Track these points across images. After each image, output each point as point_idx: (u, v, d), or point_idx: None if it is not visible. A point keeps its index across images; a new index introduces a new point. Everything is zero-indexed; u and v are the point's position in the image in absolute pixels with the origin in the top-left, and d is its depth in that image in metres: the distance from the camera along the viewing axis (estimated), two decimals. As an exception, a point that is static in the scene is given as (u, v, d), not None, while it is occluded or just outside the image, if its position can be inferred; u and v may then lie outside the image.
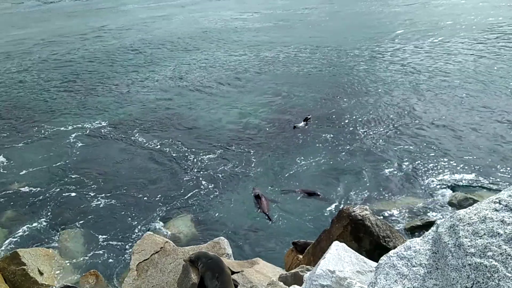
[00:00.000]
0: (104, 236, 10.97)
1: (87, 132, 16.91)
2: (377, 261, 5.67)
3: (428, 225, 9.87)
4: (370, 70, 21.93)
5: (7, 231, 11.23)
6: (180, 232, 10.65)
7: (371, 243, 6.93)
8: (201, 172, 13.60)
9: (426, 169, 13.03)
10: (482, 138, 14.49)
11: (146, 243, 8.15)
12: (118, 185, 13.23)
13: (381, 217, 8.83)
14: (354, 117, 16.69)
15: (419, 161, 13.47)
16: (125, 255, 9.85)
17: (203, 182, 13.08)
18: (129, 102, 19.81)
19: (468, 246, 1.71)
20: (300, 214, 11.52)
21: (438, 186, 12.13)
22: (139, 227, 11.23)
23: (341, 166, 13.49)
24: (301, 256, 8.08)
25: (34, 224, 11.44)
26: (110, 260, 10.18)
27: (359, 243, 6.91)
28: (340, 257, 5.62)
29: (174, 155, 14.79)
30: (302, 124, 15.92)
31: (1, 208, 12.20)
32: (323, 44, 27.04)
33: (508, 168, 12.53)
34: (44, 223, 11.48)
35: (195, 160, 14.36)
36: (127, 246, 10.28)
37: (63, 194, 12.81)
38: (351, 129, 15.79)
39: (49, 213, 11.91)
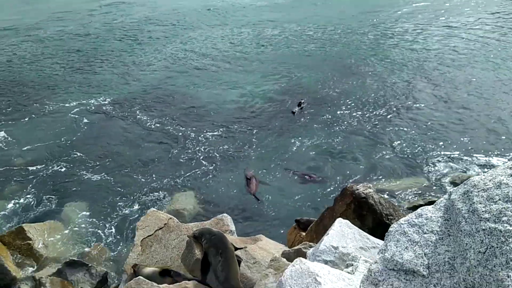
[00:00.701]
0: (109, 212, 11.07)
1: (90, 109, 16.87)
2: (379, 239, 5.72)
3: (431, 204, 9.89)
4: (375, 50, 21.69)
5: (12, 205, 11.31)
6: (184, 209, 10.73)
7: (374, 221, 6.97)
8: (203, 151, 13.62)
9: (428, 150, 13.02)
10: (487, 120, 14.43)
11: (150, 219, 8.21)
12: (122, 162, 13.27)
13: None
14: (356, 98, 16.58)
15: (421, 142, 13.44)
16: (129, 231, 9.94)
17: (205, 161, 13.11)
18: (132, 79, 19.71)
19: (483, 211, 1.70)
20: (302, 193, 11.57)
21: (440, 167, 12.13)
22: (143, 203, 11.31)
23: (343, 148, 13.48)
24: (304, 233, 8.14)
25: (39, 199, 11.52)
26: (115, 235, 10.28)
27: (362, 221, 6.95)
28: (343, 233, 5.66)
29: (176, 133, 14.79)
30: (297, 109, 15.70)
31: (5, 183, 12.26)
32: (328, 22, 26.70)
33: (513, 150, 12.51)
34: (49, 198, 11.56)
35: (196, 138, 14.37)
36: (131, 222, 10.36)
37: (67, 170, 12.87)
38: (352, 110, 15.72)
39: (53, 189, 11.98)
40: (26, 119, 16.16)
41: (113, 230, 10.47)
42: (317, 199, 11.31)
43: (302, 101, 16.12)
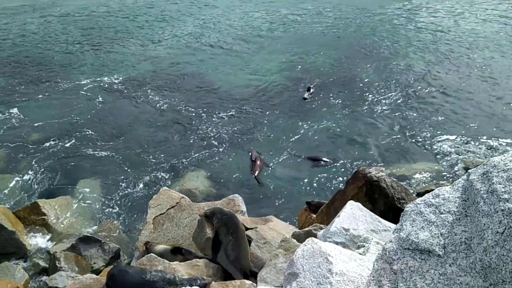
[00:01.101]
0: (121, 190, 11.20)
1: (102, 87, 16.90)
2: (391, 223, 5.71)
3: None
4: (392, 31, 21.33)
5: (26, 181, 11.48)
6: (196, 188, 10.81)
7: (385, 205, 6.96)
8: (214, 131, 13.64)
9: (441, 135, 12.90)
10: (502, 105, 14.20)
11: (162, 198, 8.30)
12: (134, 140, 13.35)
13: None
14: (369, 81, 16.39)
15: (434, 127, 13.30)
16: (141, 209, 10.04)
17: (216, 141, 13.14)
18: (144, 58, 19.69)
19: (502, 192, 1.69)
20: (313, 176, 11.57)
21: (453, 152, 12.02)
22: (154, 182, 11.41)
23: (354, 132, 13.40)
24: (314, 216, 8.17)
25: (53, 176, 11.67)
26: (127, 213, 10.42)
27: (374, 204, 6.94)
28: (354, 216, 5.67)
29: (187, 113, 14.81)
30: (307, 94, 15.46)
31: (19, 159, 12.42)
32: (343, 2, 26.25)
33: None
34: (63, 175, 11.71)
35: (208, 119, 14.39)
36: (143, 200, 10.47)
37: (81, 148, 12.99)
38: (364, 93, 15.55)
39: (67, 166, 12.12)
40: (40, 97, 16.27)
41: (126, 207, 10.61)
42: (328, 183, 11.32)
43: (311, 86, 15.91)
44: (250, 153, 12.32)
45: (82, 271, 7.67)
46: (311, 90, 15.60)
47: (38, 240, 9.02)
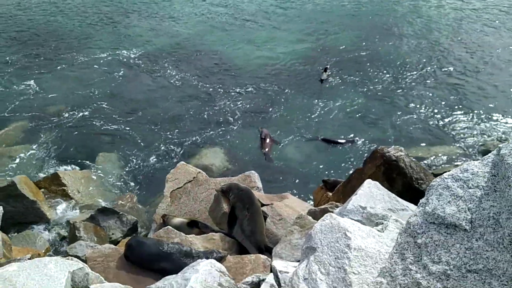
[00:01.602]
0: (139, 163, 11.35)
1: (120, 61, 16.89)
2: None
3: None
4: (413, 9, 20.74)
5: (47, 153, 11.69)
6: (212, 164, 10.88)
7: (403, 185, 6.90)
8: (231, 108, 13.62)
9: (462, 117, 12.67)
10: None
11: (180, 172, 8.38)
12: (151, 115, 13.43)
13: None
14: (388, 60, 16.05)
15: (455, 109, 13.06)
16: (159, 183, 10.15)
17: (232, 118, 13.14)
18: (161, 33, 19.57)
19: (535, 166, 1.65)
20: (329, 155, 11.55)
21: (473, 135, 11.82)
22: (171, 157, 11.52)
23: (372, 112, 13.25)
24: (330, 194, 8.16)
25: (72, 148, 11.86)
26: (144, 186, 10.58)
27: (391, 184, 6.89)
28: (372, 194, 5.64)
29: (204, 89, 14.80)
30: (325, 75, 15.10)
31: (39, 131, 12.61)
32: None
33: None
34: (82, 148, 11.90)
35: (224, 95, 14.36)
36: (160, 174, 10.58)
37: (98, 121, 13.11)
38: (383, 73, 15.27)
39: (85, 139, 12.29)
40: (57, 69, 16.35)
41: (143, 181, 10.76)
42: (344, 162, 11.27)
43: (328, 66, 15.54)
44: (260, 131, 12.32)
45: (101, 241, 7.85)
46: (328, 71, 15.32)
47: (58, 210, 9.25)
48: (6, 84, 15.17)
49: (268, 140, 11.92)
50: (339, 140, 12.04)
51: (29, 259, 4.93)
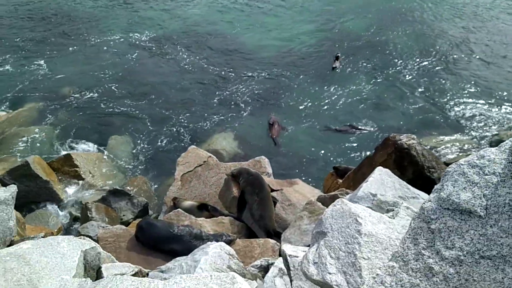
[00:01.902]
0: (150, 146, 11.43)
1: (132, 44, 16.84)
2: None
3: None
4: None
5: (60, 133, 11.82)
6: (223, 149, 10.91)
7: (414, 173, 6.86)
8: (242, 93, 13.59)
9: (476, 107, 12.48)
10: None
11: (190, 156, 8.43)
12: (162, 99, 13.44)
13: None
14: (402, 46, 15.80)
15: (469, 98, 12.86)
16: (170, 166, 10.22)
17: (243, 103, 13.12)
18: (173, 17, 19.43)
19: (554, 153, 1.63)
20: (340, 142, 11.50)
21: (487, 125, 11.66)
22: (182, 141, 11.56)
23: (384, 100, 13.14)
24: (340, 181, 8.16)
25: (84, 130, 11.95)
26: (156, 169, 10.67)
27: (402, 172, 6.85)
28: (383, 181, 5.62)
29: (215, 74, 14.75)
30: (337, 63, 14.83)
31: (51, 112, 12.70)
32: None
33: None
34: (94, 129, 11.99)
35: (235, 80, 14.31)
36: (171, 158, 10.64)
37: (111, 103, 13.17)
38: (396, 60, 15.06)
39: (97, 121, 12.38)
40: (70, 51, 16.36)
41: (154, 164, 10.85)
42: (355, 149, 11.23)
43: (339, 54, 15.22)
44: (269, 117, 12.38)
45: (112, 222, 7.95)
46: (339, 59, 15.09)
47: (70, 191, 9.38)
48: (20, 65, 15.27)
49: (276, 126, 11.99)
50: (359, 127, 11.98)
51: (42, 237, 5.02)
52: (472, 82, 13.62)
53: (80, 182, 9.47)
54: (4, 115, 12.14)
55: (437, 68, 14.50)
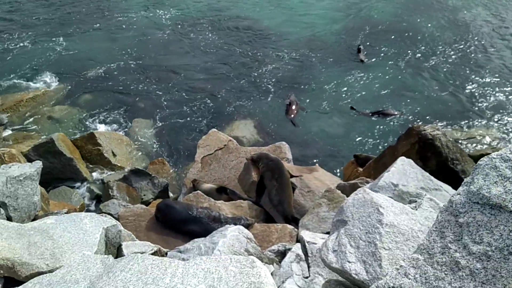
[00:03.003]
0: (172, 128, 11.50)
1: (155, 24, 16.70)
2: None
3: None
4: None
5: (84, 113, 11.99)
6: (243, 136, 10.88)
7: (437, 164, 6.74)
8: (265, 78, 13.48)
9: (506, 100, 12.11)
10: None
11: (211, 139, 8.47)
12: (184, 81, 13.41)
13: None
14: (429, 34, 15.32)
15: (498, 90, 12.48)
16: (190, 148, 10.29)
17: (266, 89, 13.02)
18: None
19: None
20: (362, 131, 11.35)
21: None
22: (203, 125, 11.59)
23: (409, 88, 12.84)
24: (361, 169, 8.08)
25: (109, 110, 12.09)
26: (176, 151, 10.75)
27: (425, 163, 6.73)
28: (405, 172, 5.54)
29: (238, 57, 14.62)
30: (362, 56, 14.26)
31: (78, 91, 12.87)
32: None
33: None
34: (118, 110, 12.10)
35: (259, 65, 14.17)
36: (192, 140, 10.71)
37: (134, 84, 13.21)
38: (423, 48, 14.62)
39: (121, 102, 12.47)
40: (93, 29, 16.32)
41: (175, 146, 10.92)
42: (376, 138, 11.08)
43: (361, 46, 14.65)
44: (287, 97, 12.34)
45: (133, 201, 8.09)
46: (361, 50, 14.51)
47: (93, 169, 9.55)
48: (45, 44, 15.41)
49: (294, 107, 11.95)
50: (388, 112, 11.82)
51: (65, 213, 5.14)
52: (502, 74, 13.21)
53: (103, 160, 9.63)
54: (31, 94, 12.37)
55: (466, 58, 14.09)
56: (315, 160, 10.20)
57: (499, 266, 1.64)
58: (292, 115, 11.80)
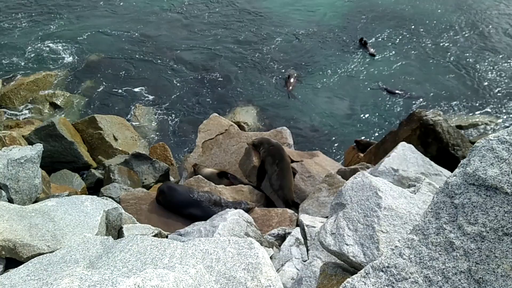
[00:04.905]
0: (173, 113, 11.50)
1: (158, 7, 16.59)
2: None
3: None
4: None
5: (86, 97, 11.99)
6: (245, 122, 10.88)
7: (438, 150, 6.75)
8: (269, 63, 13.42)
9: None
10: None
11: (212, 123, 8.45)
12: (187, 64, 13.36)
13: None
14: (434, 20, 15.18)
15: (504, 79, 12.39)
16: (191, 133, 10.33)
17: (269, 74, 12.98)
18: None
19: None
20: (363, 116, 11.33)
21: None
22: (205, 109, 11.58)
23: (412, 74, 12.78)
24: (362, 155, 8.09)
25: (111, 94, 12.09)
26: (177, 136, 10.78)
27: (426, 148, 6.74)
28: (405, 157, 5.54)
29: (243, 42, 14.53)
30: (371, 50, 13.92)
31: (79, 74, 12.84)
32: None
33: None
34: (120, 94, 12.11)
35: (263, 49, 14.10)
36: (193, 125, 10.70)
37: (136, 69, 13.17)
38: (432, 33, 14.52)
39: (124, 85, 12.46)
40: (94, 11, 16.19)
41: (176, 130, 10.95)
42: (377, 124, 11.07)
43: (365, 39, 14.31)
44: (286, 72, 12.65)
45: (134, 185, 8.11)
46: (365, 43, 14.21)
47: (94, 152, 9.57)
48: (43, 28, 15.30)
49: (292, 80, 12.30)
50: (396, 91, 12.00)
51: (67, 196, 5.17)
52: (510, 61, 13.08)
53: (104, 144, 9.64)
54: (32, 77, 12.31)
55: (470, 43, 13.96)
56: (315, 145, 10.20)
57: (493, 247, 1.64)
58: (291, 87, 12.11)
